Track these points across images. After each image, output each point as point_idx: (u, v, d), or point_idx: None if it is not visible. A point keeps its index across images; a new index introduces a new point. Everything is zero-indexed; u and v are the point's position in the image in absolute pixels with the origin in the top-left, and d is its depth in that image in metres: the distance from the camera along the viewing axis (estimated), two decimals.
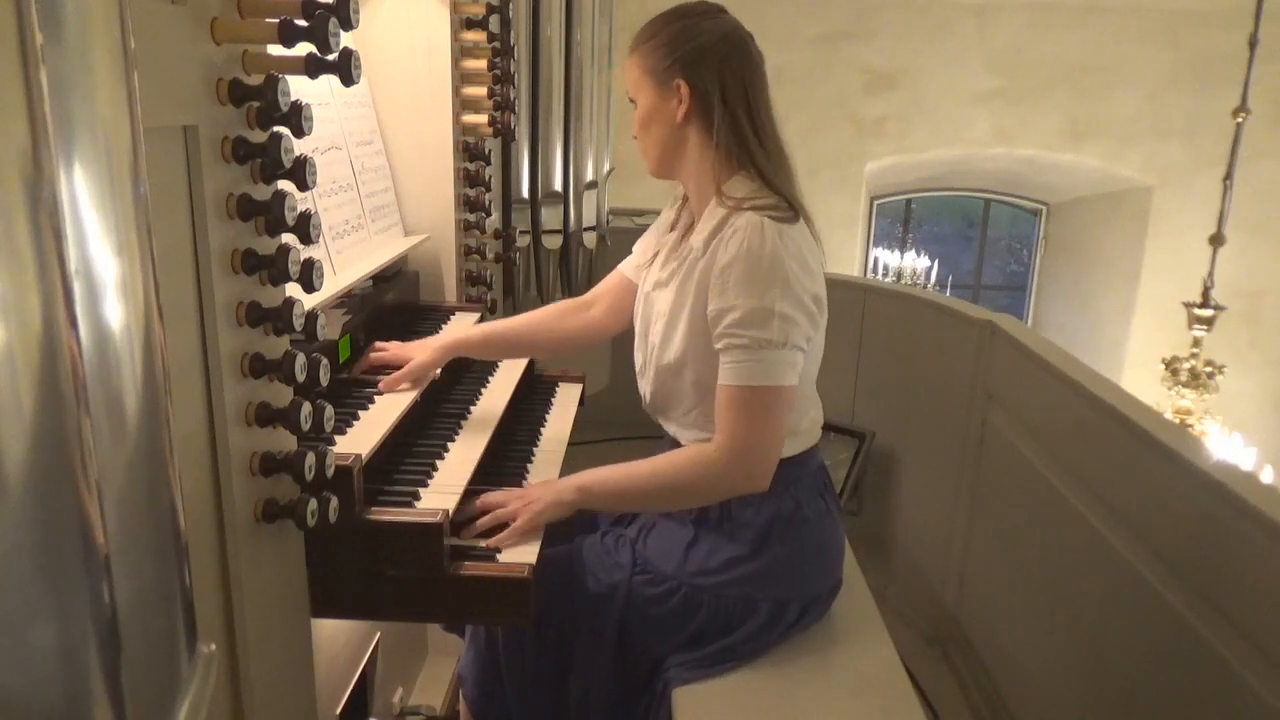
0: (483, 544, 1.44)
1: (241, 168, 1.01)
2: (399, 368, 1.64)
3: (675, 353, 1.51)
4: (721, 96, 1.45)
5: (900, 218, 8.67)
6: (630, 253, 1.79)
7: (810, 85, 6.65)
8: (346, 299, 1.70)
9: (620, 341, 3.42)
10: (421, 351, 1.69)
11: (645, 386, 1.63)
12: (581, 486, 1.51)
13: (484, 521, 1.47)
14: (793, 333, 1.39)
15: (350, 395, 1.55)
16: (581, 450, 2.02)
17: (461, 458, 1.57)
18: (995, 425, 2.48)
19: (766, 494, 1.52)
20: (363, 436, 1.40)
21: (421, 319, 2.02)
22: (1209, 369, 4.61)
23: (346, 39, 1.05)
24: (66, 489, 0.45)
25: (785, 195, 1.45)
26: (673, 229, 1.63)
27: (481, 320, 2.08)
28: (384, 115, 2.04)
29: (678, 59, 1.45)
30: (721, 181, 1.47)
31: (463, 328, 1.85)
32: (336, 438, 1.37)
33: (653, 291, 1.58)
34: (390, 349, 1.71)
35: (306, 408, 1.09)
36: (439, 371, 1.73)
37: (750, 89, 1.47)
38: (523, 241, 2.97)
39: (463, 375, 1.94)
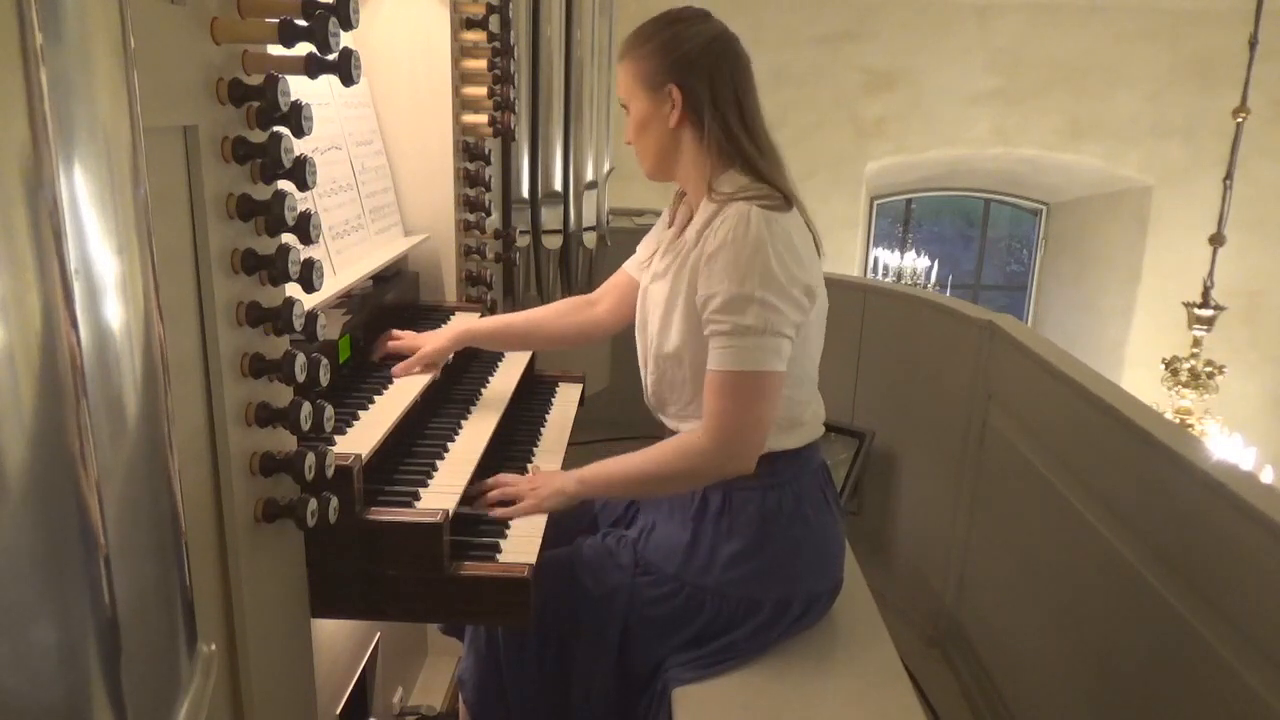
0: (491, 513, 1.53)
1: (241, 168, 1.01)
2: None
3: (673, 343, 1.53)
4: (712, 99, 1.48)
5: (900, 218, 8.67)
6: (633, 252, 1.82)
7: (810, 85, 6.65)
8: (346, 299, 1.70)
9: (620, 342, 3.41)
10: (431, 339, 1.76)
11: (647, 379, 1.65)
12: (581, 478, 1.58)
13: (494, 494, 1.56)
14: (774, 319, 1.40)
15: (350, 394, 1.55)
16: (581, 450, 2.02)
17: (462, 457, 1.57)
18: (995, 425, 2.48)
19: (767, 487, 1.53)
20: (363, 436, 1.40)
21: (421, 319, 2.02)
22: (1209, 369, 4.60)
23: (346, 39, 1.05)
24: (66, 489, 0.45)
25: (777, 186, 1.48)
26: (671, 225, 1.65)
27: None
28: (384, 115, 2.04)
29: (668, 65, 1.48)
30: (714, 178, 1.50)
31: (473, 319, 1.92)
32: (336, 438, 1.37)
33: (651, 285, 1.60)
34: (404, 337, 1.78)
35: (306, 408, 1.09)
36: (439, 371, 1.74)
37: (739, 89, 1.50)
38: (523, 241, 2.97)
39: (462, 375, 1.94)
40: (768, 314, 1.40)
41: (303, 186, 1.05)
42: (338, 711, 1.70)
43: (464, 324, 1.85)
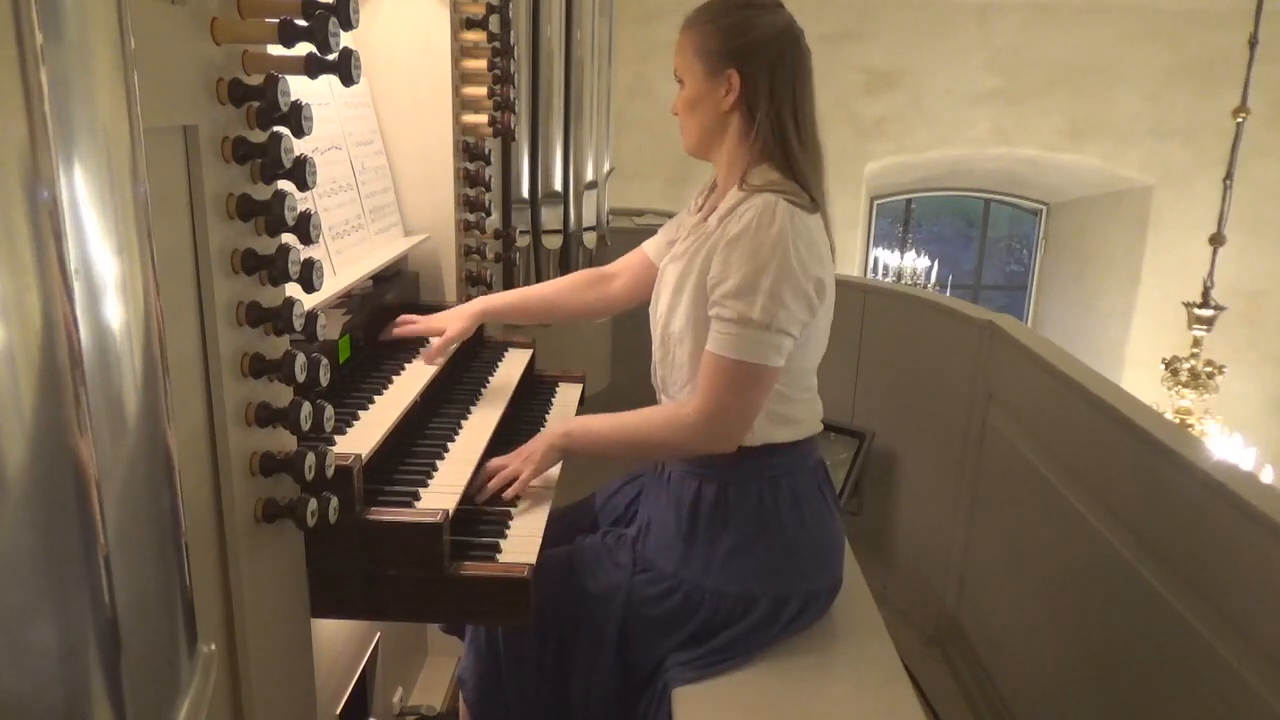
0: (505, 495, 1.56)
1: (241, 168, 1.01)
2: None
3: (678, 323, 1.54)
4: (770, 93, 1.47)
5: (900, 218, 8.67)
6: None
7: None
8: (346, 299, 1.70)
9: (620, 342, 3.41)
10: (453, 321, 1.79)
11: (654, 358, 1.66)
12: (568, 432, 1.62)
13: (494, 483, 1.57)
14: (780, 315, 1.41)
15: (350, 394, 1.55)
16: None
17: (462, 457, 1.57)
18: (995, 425, 2.48)
19: (763, 481, 1.54)
20: (363, 436, 1.40)
21: None
22: (1209, 369, 4.60)
23: (346, 39, 1.05)
24: (66, 489, 0.45)
25: (808, 189, 1.47)
26: (698, 211, 1.65)
27: (481, 326, 2.09)
28: (384, 115, 2.04)
29: (732, 49, 1.47)
30: (749, 169, 1.50)
31: (489, 296, 1.95)
32: (336, 438, 1.37)
33: (668, 265, 1.61)
34: (420, 321, 1.79)
35: (306, 408, 1.09)
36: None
37: (798, 88, 1.49)
38: (523, 241, 2.97)
39: (463, 374, 1.94)
40: (775, 309, 1.40)
41: (303, 186, 1.05)
42: (338, 711, 1.70)
43: (481, 302, 1.89)
